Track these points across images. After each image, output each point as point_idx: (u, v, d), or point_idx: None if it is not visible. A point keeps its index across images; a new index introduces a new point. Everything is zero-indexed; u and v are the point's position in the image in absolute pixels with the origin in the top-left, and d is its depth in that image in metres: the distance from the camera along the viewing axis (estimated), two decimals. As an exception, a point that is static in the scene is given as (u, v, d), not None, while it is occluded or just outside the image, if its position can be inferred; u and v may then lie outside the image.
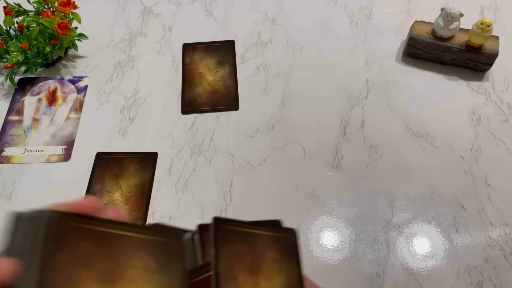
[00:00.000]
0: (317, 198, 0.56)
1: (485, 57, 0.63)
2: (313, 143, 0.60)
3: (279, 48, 0.71)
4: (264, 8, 0.77)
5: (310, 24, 0.74)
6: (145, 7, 0.78)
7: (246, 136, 0.61)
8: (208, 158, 0.59)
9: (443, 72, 0.67)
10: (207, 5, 0.78)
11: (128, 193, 0.56)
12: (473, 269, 0.50)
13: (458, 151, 0.59)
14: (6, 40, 0.65)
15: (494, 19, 0.74)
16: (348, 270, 0.50)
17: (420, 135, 0.61)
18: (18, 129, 0.63)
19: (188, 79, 0.68)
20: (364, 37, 0.72)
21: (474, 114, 0.63)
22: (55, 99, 0.67)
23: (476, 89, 0.65)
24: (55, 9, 0.66)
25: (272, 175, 0.58)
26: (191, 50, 0.71)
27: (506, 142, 0.60)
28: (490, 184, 0.56)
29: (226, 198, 0.56)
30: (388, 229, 0.53)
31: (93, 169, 0.59)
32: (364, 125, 0.62)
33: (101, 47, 0.73)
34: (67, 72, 0.70)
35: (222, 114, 0.64)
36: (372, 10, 0.76)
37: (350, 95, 0.65)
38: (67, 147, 0.61)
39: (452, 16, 0.62)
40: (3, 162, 0.60)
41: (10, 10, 0.66)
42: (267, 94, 0.66)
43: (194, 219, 0.54)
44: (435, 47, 0.65)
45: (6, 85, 0.68)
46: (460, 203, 0.55)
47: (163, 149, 0.60)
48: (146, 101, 0.66)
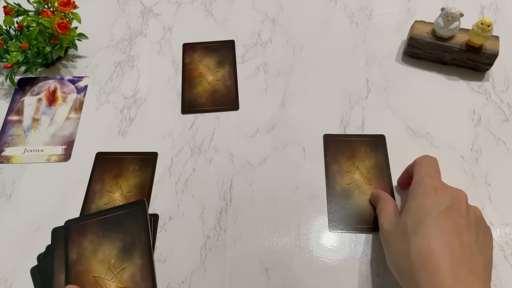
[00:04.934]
0: (317, 198, 0.56)
1: (485, 57, 0.63)
2: (313, 143, 0.60)
3: (279, 48, 0.71)
4: (264, 8, 0.77)
5: (310, 24, 0.74)
6: (145, 7, 0.78)
7: (246, 136, 0.61)
8: (208, 158, 0.59)
9: (443, 72, 0.67)
10: (207, 5, 0.78)
11: (128, 193, 0.56)
12: (473, 269, 0.50)
13: (458, 151, 0.59)
14: (6, 40, 0.65)
15: (494, 19, 0.74)
16: (348, 270, 0.50)
17: (420, 135, 0.61)
18: (18, 129, 0.63)
19: (188, 79, 0.68)
20: (364, 37, 0.72)
21: (474, 114, 0.63)
22: (55, 99, 0.67)
23: (476, 89, 0.65)
24: (55, 9, 0.66)
25: (272, 175, 0.58)
26: (191, 50, 0.71)
27: (506, 142, 0.60)
28: (490, 184, 0.56)
29: (226, 198, 0.56)
30: (388, 229, 0.53)
31: (93, 169, 0.59)
32: (364, 125, 0.62)
33: (101, 47, 0.73)
34: (67, 72, 0.70)
35: (222, 114, 0.64)
36: (372, 10, 0.76)
37: (350, 95, 0.65)
38: (67, 147, 0.61)
39: (452, 16, 0.62)
40: (3, 162, 0.60)
41: (10, 10, 0.66)
42: (267, 94, 0.66)
43: (194, 219, 0.54)
44: (435, 47, 0.65)
45: (6, 85, 0.68)
46: (460, 203, 0.55)
47: (163, 149, 0.60)
48: (146, 101, 0.66)
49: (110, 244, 0.36)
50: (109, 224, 0.37)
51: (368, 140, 0.59)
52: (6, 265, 0.51)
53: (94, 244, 0.36)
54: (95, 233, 0.36)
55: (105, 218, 0.37)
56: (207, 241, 0.53)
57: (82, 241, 0.36)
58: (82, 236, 0.36)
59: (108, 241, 0.36)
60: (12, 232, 0.54)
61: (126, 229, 0.37)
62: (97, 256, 0.35)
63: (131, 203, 0.37)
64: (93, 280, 0.36)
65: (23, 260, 0.51)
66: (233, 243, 0.53)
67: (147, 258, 0.36)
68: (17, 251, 0.52)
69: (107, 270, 0.35)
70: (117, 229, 0.36)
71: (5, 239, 0.53)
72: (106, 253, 0.35)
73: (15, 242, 0.53)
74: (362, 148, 0.59)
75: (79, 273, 0.35)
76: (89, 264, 0.35)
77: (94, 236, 0.36)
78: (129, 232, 0.36)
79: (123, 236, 0.36)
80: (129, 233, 0.36)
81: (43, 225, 0.54)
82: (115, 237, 0.36)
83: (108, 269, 0.35)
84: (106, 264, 0.35)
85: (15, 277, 0.50)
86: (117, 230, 0.36)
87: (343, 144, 0.59)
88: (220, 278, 0.50)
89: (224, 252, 0.52)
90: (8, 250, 0.52)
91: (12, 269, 0.51)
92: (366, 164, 0.57)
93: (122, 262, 0.35)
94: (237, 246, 0.52)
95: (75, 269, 0.35)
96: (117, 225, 0.37)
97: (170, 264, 0.51)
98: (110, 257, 0.35)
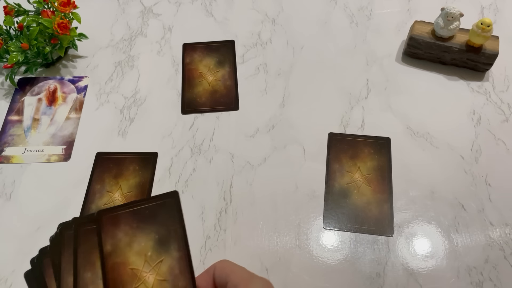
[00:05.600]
0: (317, 198, 0.56)
1: (485, 57, 0.63)
2: (313, 143, 0.60)
3: (279, 48, 0.71)
4: (264, 8, 0.77)
5: (310, 24, 0.74)
6: (145, 7, 0.78)
7: (246, 136, 0.61)
8: (208, 158, 0.59)
9: (443, 72, 0.67)
10: (207, 5, 0.78)
11: (128, 193, 0.56)
12: (473, 269, 0.50)
13: (458, 151, 0.59)
14: (6, 40, 0.65)
15: (494, 19, 0.74)
16: (348, 270, 0.50)
17: (420, 135, 0.61)
18: (18, 129, 0.63)
19: (188, 79, 0.68)
20: (364, 37, 0.72)
21: (474, 114, 0.63)
22: (55, 99, 0.67)
23: (476, 89, 0.65)
24: (55, 9, 0.66)
25: (272, 175, 0.58)
26: (191, 50, 0.71)
27: (506, 142, 0.60)
28: (490, 184, 0.56)
29: (226, 198, 0.56)
30: (388, 229, 0.53)
31: (93, 169, 0.59)
32: (364, 125, 0.62)
33: (101, 47, 0.73)
34: (67, 72, 0.70)
35: (222, 114, 0.64)
36: (372, 10, 0.76)
37: (350, 95, 0.65)
38: (67, 147, 0.61)
39: (452, 16, 0.62)
40: (3, 162, 0.60)
41: (10, 10, 0.66)
42: (267, 94, 0.66)
43: (194, 219, 0.54)
44: (435, 47, 0.65)
45: (6, 85, 0.68)
46: (460, 203, 0.55)
47: (163, 149, 0.60)
48: (146, 101, 0.66)
49: (145, 236, 0.35)
50: (142, 215, 0.36)
51: (373, 142, 0.59)
52: (6, 265, 0.51)
53: (129, 236, 0.35)
54: (128, 224, 0.35)
55: (137, 209, 0.36)
56: (207, 241, 0.53)
57: (116, 232, 0.35)
58: (116, 227, 0.35)
59: (143, 233, 0.35)
60: (12, 232, 0.54)
61: (161, 221, 0.36)
62: (133, 248, 0.35)
63: (163, 195, 0.36)
64: (131, 272, 0.35)
65: (23, 260, 0.51)
66: (233, 243, 0.53)
67: (184, 251, 0.35)
68: (17, 251, 0.52)
69: (144, 262, 0.34)
70: (151, 221, 0.35)
71: (5, 239, 0.53)
72: (141, 245, 0.35)
73: (15, 242, 0.53)
74: (366, 149, 0.59)
75: (116, 265, 0.35)
76: (125, 256, 0.35)
77: (128, 227, 0.35)
78: (164, 224, 0.35)
79: (157, 228, 0.35)
80: (163, 225, 0.35)
81: (43, 225, 0.54)
82: (149, 228, 0.35)
83: (145, 262, 0.34)
84: (143, 256, 0.35)
85: (15, 277, 0.50)
86: (151, 222, 0.35)
87: (347, 143, 0.59)
88: (220, 278, 0.50)
89: (224, 252, 0.52)
90: (8, 250, 0.52)
91: (12, 269, 0.51)
92: (368, 165, 0.58)
93: (159, 254, 0.35)
94: (237, 246, 0.52)
95: (111, 261, 0.35)
96: (151, 217, 0.36)
97: (170, 264, 0.51)
98: (146, 249, 0.35)
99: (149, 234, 0.34)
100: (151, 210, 0.35)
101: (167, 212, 0.36)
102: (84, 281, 0.35)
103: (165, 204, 0.36)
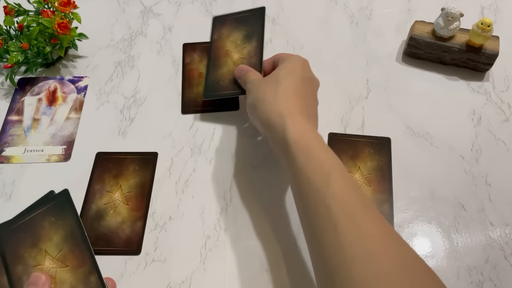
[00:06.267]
0: (317, 198, 0.55)
1: (486, 57, 0.63)
2: (313, 143, 0.60)
3: (279, 48, 0.71)
4: (264, 8, 0.77)
5: (310, 24, 0.74)
6: (145, 7, 0.78)
7: (246, 136, 0.61)
8: (208, 158, 0.59)
9: (444, 72, 0.67)
10: (207, 5, 0.78)
11: (128, 193, 0.56)
12: (473, 269, 0.50)
13: (458, 151, 0.59)
14: (6, 40, 0.65)
15: (494, 19, 0.74)
16: (348, 270, 0.50)
17: (420, 135, 0.61)
18: (18, 129, 0.63)
19: (188, 79, 0.68)
20: (364, 37, 0.72)
21: (475, 114, 0.63)
22: (55, 99, 0.67)
23: (477, 89, 0.65)
24: (55, 9, 0.66)
25: (272, 175, 0.58)
26: (191, 50, 0.71)
27: (506, 142, 0.60)
28: (491, 184, 0.56)
29: (226, 198, 0.56)
30: (388, 229, 0.53)
31: (93, 169, 0.59)
32: (364, 125, 0.62)
33: (101, 47, 0.73)
34: (67, 72, 0.70)
35: (222, 114, 0.64)
36: (372, 10, 0.76)
37: (350, 95, 0.65)
38: (67, 147, 0.61)
39: (453, 16, 0.62)
40: (3, 162, 0.60)
41: (10, 10, 0.66)
42: (267, 94, 0.65)
43: (194, 219, 0.54)
44: (435, 47, 0.65)
45: (6, 85, 0.68)
46: (460, 203, 0.55)
47: (163, 149, 0.60)
48: (146, 101, 0.66)
49: (239, 33, 0.61)
50: (237, 21, 0.63)
51: (373, 142, 0.59)
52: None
53: (229, 31, 0.62)
54: (230, 24, 0.63)
55: (235, 18, 0.63)
56: (207, 241, 0.53)
57: (222, 31, 0.63)
58: (222, 26, 0.64)
59: (237, 31, 0.62)
60: (12, 232, 0.54)
61: (248, 24, 0.61)
62: (229, 38, 0.62)
63: (252, 9, 0.63)
64: (225, 52, 0.62)
65: (23, 260, 0.51)
66: (233, 243, 0.53)
67: (259, 43, 0.59)
68: (17, 251, 0.52)
69: (235, 46, 0.61)
70: (244, 24, 0.62)
71: (5, 239, 0.53)
72: (236, 36, 0.61)
73: (15, 242, 0.53)
74: (366, 149, 0.59)
75: (217, 48, 0.63)
76: (223, 42, 0.63)
77: (229, 26, 0.63)
78: (250, 25, 0.61)
79: (246, 28, 0.61)
80: (249, 26, 0.61)
81: (43, 225, 0.54)
82: (241, 28, 0.62)
83: (235, 46, 0.61)
84: (234, 43, 0.61)
85: None
86: (244, 24, 0.62)
87: (347, 144, 0.59)
88: (220, 278, 0.50)
89: (224, 252, 0.52)
90: (8, 250, 0.52)
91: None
92: (368, 166, 0.57)
93: (244, 43, 0.60)
94: (237, 246, 0.52)
95: (216, 44, 0.63)
96: (243, 21, 0.62)
97: (170, 264, 0.51)
98: (237, 39, 0.61)
99: (241, 30, 0.61)
100: (242, 16, 0.62)
101: (254, 19, 0.61)
102: (16, 275, 0.41)
103: (254, 15, 0.62)
